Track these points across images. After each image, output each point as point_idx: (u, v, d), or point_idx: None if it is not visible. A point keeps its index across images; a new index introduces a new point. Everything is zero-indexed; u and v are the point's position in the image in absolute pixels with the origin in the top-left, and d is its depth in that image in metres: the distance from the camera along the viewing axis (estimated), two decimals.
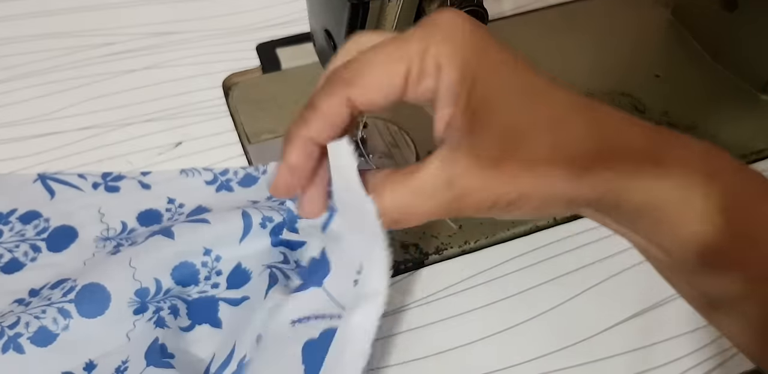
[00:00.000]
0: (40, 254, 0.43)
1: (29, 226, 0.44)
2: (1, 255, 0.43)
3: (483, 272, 0.44)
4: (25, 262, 0.43)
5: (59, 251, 0.43)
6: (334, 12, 0.35)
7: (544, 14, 0.63)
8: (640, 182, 0.25)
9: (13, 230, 0.44)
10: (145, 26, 0.59)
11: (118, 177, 0.47)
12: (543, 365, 0.40)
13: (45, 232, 0.44)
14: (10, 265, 0.43)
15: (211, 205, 0.45)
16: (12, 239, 0.44)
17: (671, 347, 0.41)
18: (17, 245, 0.43)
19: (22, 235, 0.44)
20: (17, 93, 0.54)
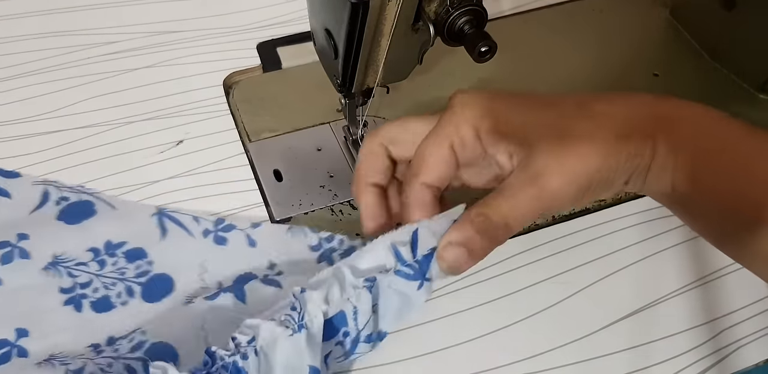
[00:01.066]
0: (132, 299, 0.42)
1: (132, 265, 0.43)
2: (96, 289, 0.42)
3: (481, 270, 0.44)
4: (115, 304, 0.42)
5: (151, 301, 0.42)
6: (334, 11, 0.35)
7: (543, 13, 0.63)
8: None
9: (116, 265, 0.43)
10: (146, 25, 0.59)
11: (229, 227, 0.45)
12: (541, 363, 0.41)
13: (144, 276, 0.43)
14: (102, 303, 0.42)
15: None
16: (111, 275, 0.43)
17: (668, 345, 0.41)
18: (114, 283, 0.43)
19: (122, 273, 0.43)
20: (19, 91, 0.54)
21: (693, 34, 0.60)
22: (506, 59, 0.54)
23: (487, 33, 0.34)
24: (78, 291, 0.42)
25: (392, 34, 0.36)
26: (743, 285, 0.45)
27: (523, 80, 0.57)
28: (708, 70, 0.58)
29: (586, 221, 0.47)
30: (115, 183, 0.48)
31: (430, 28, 0.36)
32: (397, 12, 0.35)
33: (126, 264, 0.43)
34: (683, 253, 0.46)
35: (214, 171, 0.49)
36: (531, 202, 0.30)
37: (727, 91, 0.56)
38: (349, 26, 0.35)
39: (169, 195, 0.48)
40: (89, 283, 0.43)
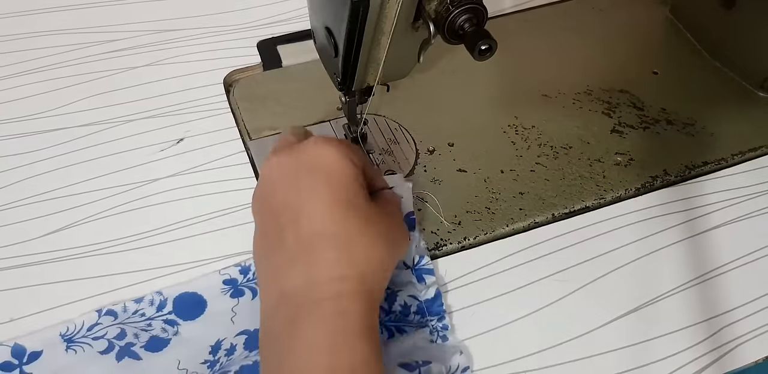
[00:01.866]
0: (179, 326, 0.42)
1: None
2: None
3: (482, 268, 0.45)
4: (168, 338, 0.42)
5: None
6: (334, 9, 0.35)
7: (543, 12, 0.63)
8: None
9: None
10: (147, 23, 0.59)
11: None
12: (541, 360, 0.41)
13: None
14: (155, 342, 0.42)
15: None
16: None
17: (667, 343, 0.41)
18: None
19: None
20: (21, 89, 0.54)
21: (693, 32, 0.60)
22: (506, 58, 0.55)
23: (487, 31, 0.34)
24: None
25: (392, 32, 0.36)
26: (742, 282, 0.45)
27: (522, 78, 0.57)
28: (708, 68, 0.58)
29: (585, 218, 0.48)
30: (115, 181, 0.48)
31: (430, 27, 0.36)
32: (397, 10, 0.35)
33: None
34: (682, 251, 0.46)
35: (215, 169, 0.49)
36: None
37: (726, 90, 0.56)
38: (349, 24, 0.35)
39: (169, 193, 0.48)
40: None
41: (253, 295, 0.43)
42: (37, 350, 0.40)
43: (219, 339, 0.42)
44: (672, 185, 0.50)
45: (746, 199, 0.49)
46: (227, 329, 0.42)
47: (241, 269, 0.44)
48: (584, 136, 0.52)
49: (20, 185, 0.48)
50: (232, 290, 0.43)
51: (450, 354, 0.40)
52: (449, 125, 0.53)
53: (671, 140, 0.52)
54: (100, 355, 0.40)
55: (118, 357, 0.41)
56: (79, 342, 0.40)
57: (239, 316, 0.43)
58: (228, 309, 0.43)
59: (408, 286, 0.42)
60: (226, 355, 0.41)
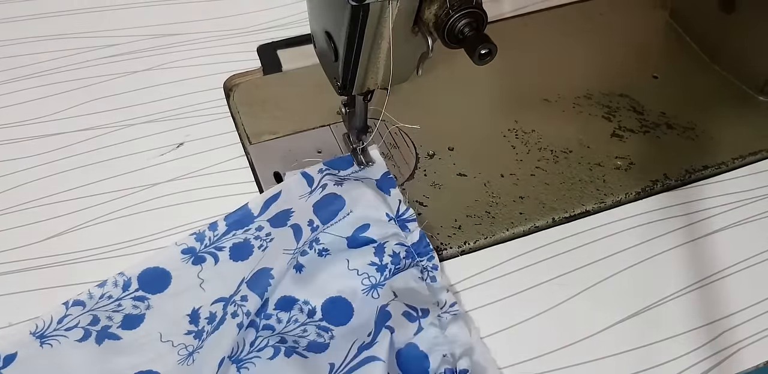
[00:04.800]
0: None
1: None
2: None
3: (482, 272, 0.44)
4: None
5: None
6: (334, 14, 0.35)
7: (543, 16, 0.63)
8: None
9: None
10: (146, 28, 0.59)
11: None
12: (542, 364, 0.40)
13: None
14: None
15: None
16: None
17: (670, 346, 0.41)
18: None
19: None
20: (20, 94, 0.54)
21: (693, 36, 0.60)
22: (506, 62, 0.55)
23: (487, 35, 0.34)
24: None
25: (392, 36, 0.36)
26: (743, 286, 0.45)
27: (522, 83, 0.57)
28: (708, 72, 0.58)
29: (586, 223, 0.47)
30: (115, 186, 0.48)
31: (428, 40, 0.36)
32: (397, 14, 0.35)
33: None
34: (683, 255, 0.46)
35: (215, 173, 0.49)
36: None
37: (726, 94, 0.56)
38: (349, 29, 0.35)
39: (169, 198, 0.48)
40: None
41: (215, 260, 0.44)
42: (10, 353, 0.40)
43: (194, 307, 0.43)
44: (672, 189, 0.50)
45: (747, 203, 0.49)
46: (199, 297, 0.43)
47: (196, 237, 0.45)
48: (584, 140, 0.52)
49: (18, 190, 0.48)
50: (193, 257, 0.44)
51: (438, 292, 0.43)
52: (449, 129, 0.53)
53: (671, 144, 0.52)
54: (78, 343, 0.41)
55: (98, 341, 0.41)
56: (52, 336, 0.41)
57: (208, 283, 0.44)
58: (194, 276, 0.44)
59: (393, 237, 0.44)
60: (208, 323, 0.42)
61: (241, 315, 0.40)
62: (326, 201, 0.44)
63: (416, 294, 0.42)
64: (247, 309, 0.40)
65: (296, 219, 0.44)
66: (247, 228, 0.46)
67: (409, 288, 0.42)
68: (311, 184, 0.46)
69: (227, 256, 0.45)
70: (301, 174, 0.47)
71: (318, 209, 0.44)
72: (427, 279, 0.43)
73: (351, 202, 0.44)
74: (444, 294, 0.43)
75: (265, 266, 0.42)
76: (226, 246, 0.45)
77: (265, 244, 0.45)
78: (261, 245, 0.45)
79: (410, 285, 0.42)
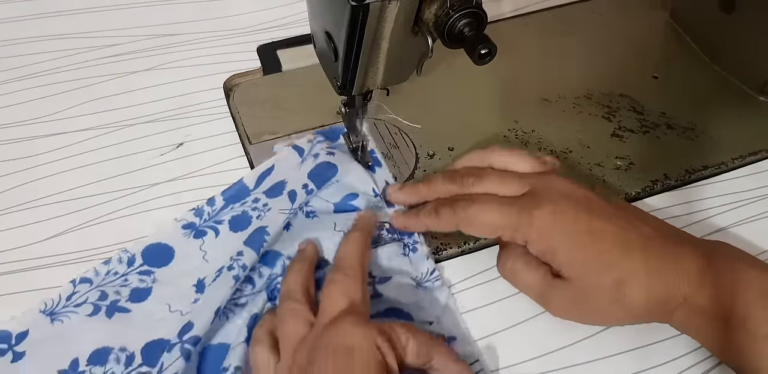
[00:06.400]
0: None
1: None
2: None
3: (483, 272, 0.44)
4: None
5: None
6: (334, 14, 0.35)
7: (543, 16, 0.63)
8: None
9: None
10: (147, 28, 0.59)
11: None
12: (543, 364, 0.40)
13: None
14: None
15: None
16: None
17: (670, 346, 0.41)
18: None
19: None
20: (20, 94, 0.54)
21: (693, 36, 0.60)
22: (506, 62, 0.55)
23: (487, 35, 0.34)
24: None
25: (392, 36, 0.36)
26: None
27: (522, 83, 0.57)
28: (708, 72, 0.58)
29: None
30: (115, 186, 0.48)
31: (428, 40, 0.36)
32: (397, 14, 0.35)
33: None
34: None
35: (215, 174, 0.49)
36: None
37: (726, 94, 0.56)
38: (349, 29, 0.35)
39: (169, 198, 0.48)
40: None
41: (216, 233, 0.45)
42: (22, 331, 0.41)
43: (199, 278, 0.43)
44: (672, 189, 0.50)
45: (747, 203, 0.49)
46: (203, 268, 0.44)
47: (195, 212, 0.46)
48: (584, 140, 0.52)
49: (19, 190, 0.48)
50: (194, 232, 0.46)
51: (419, 262, 0.44)
52: (449, 129, 0.53)
53: (671, 144, 0.52)
54: (89, 318, 0.41)
55: (108, 315, 0.42)
56: (62, 312, 0.42)
57: (210, 254, 0.44)
58: (196, 249, 0.45)
59: (378, 210, 0.46)
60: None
61: (237, 268, 0.41)
62: (320, 168, 0.46)
63: (400, 275, 0.43)
64: (243, 262, 0.41)
65: (291, 187, 0.46)
66: (244, 201, 0.47)
67: (391, 266, 0.44)
68: (302, 154, 0.48)
69: (227, 228, 0.46)
70: (292, 147, 0.48)
71: (312, 175, 0.46)
72: (408, 254, 0.44)
73: (343, 171, 0.47)
74: (425, 263, 0.44)
75: (261, 225, 0.44)
76: (224, 220, 0.46)
77: (262, 214, 0.46)
78: (259, 215, 0.46)
79: (392, 262, 0.44)
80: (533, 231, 0.37)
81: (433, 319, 0.42)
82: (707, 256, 0.36)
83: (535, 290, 0.39)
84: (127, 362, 0.40)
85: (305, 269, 0.40)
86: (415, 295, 0.43)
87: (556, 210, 0.37)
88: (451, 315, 0.42)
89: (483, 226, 0.39)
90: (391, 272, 0.43)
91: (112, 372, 0.39)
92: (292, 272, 0.40)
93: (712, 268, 0.35)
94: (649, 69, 0.58)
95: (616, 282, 0.36)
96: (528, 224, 0.37)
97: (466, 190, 0.41)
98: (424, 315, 0.42)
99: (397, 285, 0.43)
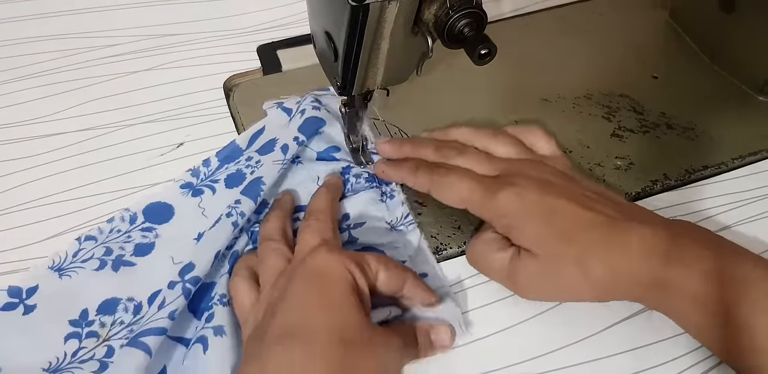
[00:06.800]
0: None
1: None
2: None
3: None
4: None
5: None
6: (334, 14, 0.36)
7: (543, 16, 0.63)
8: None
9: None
10: (146, 28, 0.59)
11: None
12: (542, 364, 0.40)
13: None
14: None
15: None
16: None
17: (669, 346, 0.41)
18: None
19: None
20: (20, 94, 0.54)
21: (692, 36, 0.60)
22: (506, 62, 0.55)
23: (487, 36, 0.34)
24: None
25: (392, 36, 0.36)
26: None
27: (522, 83, 0.57)
28: (707, 72, 0.58)
29: None
30: (115, 186, 0.48)
31: (428, 40, 0.36)
32: (396, 14, 0.35)
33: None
34: None
35: None
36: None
37: (726, 94, 0.56)
38: (349, 29, 0.35)
39: None
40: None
41: (213, 192, 0.47)
42: (32, 285, 0.42)
43: (200, 232, 0.45)
44: (672, 189, 0.50)
45: (747, 203, 0.49)
46: (202, 222, 0.45)
47: (192, 173, 0.48)
48: (584, 140, 0.52)
49: (18, 190, 0.48)
50: (191, 191, 0.47)
51: (395, 207, 0.46)
52: None
53: (671, 144, 0.52)
54: (96, 272, 0.43)
55: (114, 268, 0.43)
56: (69, 268, 0.43)
57: (208, 210, 0.46)
58: (195, 206, 0.47)
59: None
60: None
61: (236, 215, 0.43)
62: (308, 123, 0.48)
63: (375, 220, 0.46)
64: (241, 210, 0.43)
65: (282, 142, 0.47)
66: (238, 160, 0.48)
67: (368, 211, 0.46)
68: (290, 114, 0.50)
69: (223, 186, 0.47)
70: (280, 109, 0.50)
71: (301, 129, 0.48)
72: (386, 200, 0.47)
73: (329, 124, 0.49)
74: (399, 208, 0.46)
75: (257, 176, 0.45)
76: (220, 179, 0.48)
77: (256, 170, 0.47)
78: (252, 171, 0.47)
79: (369, 207, 0.46)
80: (498, 208, 0.39)
81: (406, 258, 0.44)
82: (674, 236, 0.37)
83: (504, 270, 0.40)
84: (135, 311, 0.42)
85: (282, 215, 0.43)
86: (389, 236, 0.45)
87: (519, 191, 0.39)
88: (423, 255, 0.44)
89: (452, 196, 0.42)
90: (367, 217, 0.46)
91: (122, 320, 0.41)
92: (270, 218, 0.43)
93: (679, 247, 0.36)
94: (649, 69, 0.58)
95: (578, 256, 0.37)
96: (492, 201, 0.39)
97: (446, 161, 0.44)
98: (397, 254, 0.44)
99: (371, 228, 0.45)
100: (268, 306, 0.36)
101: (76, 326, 0.41)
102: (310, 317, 0.34)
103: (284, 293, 0.36)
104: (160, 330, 0.38)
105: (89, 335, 0.41)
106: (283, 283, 0.37)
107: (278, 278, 0.38)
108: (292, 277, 0.37)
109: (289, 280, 0.36)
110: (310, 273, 0.36)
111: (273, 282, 0.38)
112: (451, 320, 0.41)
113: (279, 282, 0.37)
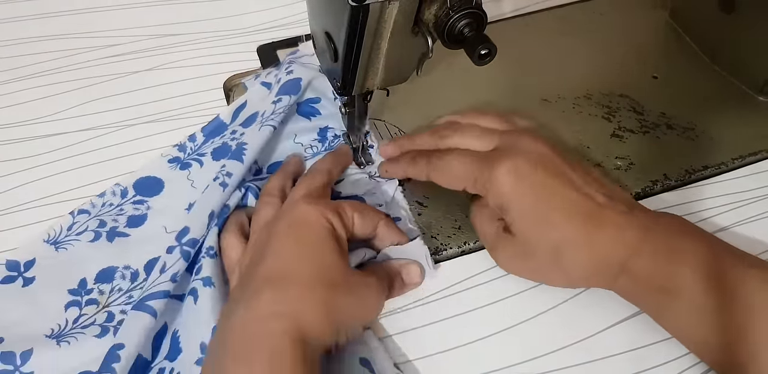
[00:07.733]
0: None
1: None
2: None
3: (482, 272, 0.44)
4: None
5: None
6: (334, 14, 0.36)
7: (543, 16, 0.63)
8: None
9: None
10: (147, 28, 0.59)
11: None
12: (542, 364, 0.41)
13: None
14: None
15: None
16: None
17: (669, 347, 0.41)
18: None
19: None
20: (21, 94, 0.54)
21: (693, 36, 0.60)
22: (506, 62, 0.55)
23: (487, 36, 0.34)
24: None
25: (392, 36, 0.36)
26: None
27: (522, 83, 0.57)
28: (707, 72, 0.58)
29: None
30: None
31: (428, 40, 0.36)
32: (396, 15, 0.35)
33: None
34: None
35: None
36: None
37: (726, 94, 0.56)
38: (349, 29, 0.35)
39: None
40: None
41: (201, 165, 0.49)
42: (29, 259, 0.44)
43: (190, 202, 0.47)
44: (672, 190, 0.50)
45: (747, 203, 0.49)
46: (191, 193, 0.47)
47: (179, 148, 0.50)
48: (584, 140, 0.52)
49: (19, 190, 0.48)
50: (179, 164, 0.49)
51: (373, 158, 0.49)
52: None
53: (671, 145, 0.52)
54: (92, 244, 0.45)
55: (109, 239, 0.45)
56: (64, 241, 0.44)
57: (197, 181, 0.48)
58: (183, 178, 0.48)
59: (336, 117, 0.51)
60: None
61: (222, 176, 0.44)
62: (285, 87, 0.50)
63: (357, 173, 0.48)
64: (227, 170, 0.44)
65: (264, 114, 0.48)
66: (223, 134, 0.50)
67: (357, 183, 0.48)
68: (270, 88, 0.52)
69: (210, 159, 0.49)
70: (260, 84, 0.52)
71: (280, 93, 0.49)
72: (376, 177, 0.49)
73: (305, 79, 0.50)
74: (375, 156, 0.49)
75: (240, 142, 0.46)
76: (207, 152, 0.49)
77: (240, 141, 0.47)
78: (238, 143, 0.47)
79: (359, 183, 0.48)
80: (492, 186, 0.39)
81: (382, 203, 0.47)
82: (650, 227, 0.38)
83: (489, 241, 0.42)
84: (132, 278, 0.43)
85: (283, 176, 0.45)
86: (368, 184, 0.48)
87: (514, 167, 0.39)
88: (396, 203, 0.47)
89: (450, 177, 0.42)
90: (348, 174, 0.48)
91: (120, 287, 0.43)
92: (272, 178, 0.45)
93: (652, 238, 0.37)
94: (649, 69, 0.58)
95: (554, 245, 0.38)
96: (488, 179, 0.39)
97: (442, 142, 0.44)
98: (375, 199, 0.47)
99: (353, 180, 0.48)
100: (254, 254, 0.38)
101: (75, 295, 0.42)
102: (293, 262, 0.36)
103: (268, 241, 0.38)
104: (164, 293, 0.39)
105: (89, 302, 0.42)
106: (266, 233, 0.39)
107: (264, 226, 0.40)
108: (275, 226, 0.38)
109: (273, 229, 0.38)
110: (292, 222, 0.38)
111: (259, 231, 0.40)
112: (419, 258, 0.43)
113: (263, 231, 0.40)
